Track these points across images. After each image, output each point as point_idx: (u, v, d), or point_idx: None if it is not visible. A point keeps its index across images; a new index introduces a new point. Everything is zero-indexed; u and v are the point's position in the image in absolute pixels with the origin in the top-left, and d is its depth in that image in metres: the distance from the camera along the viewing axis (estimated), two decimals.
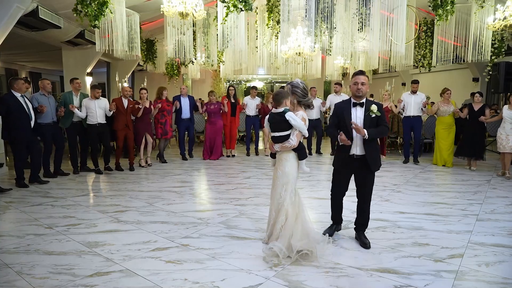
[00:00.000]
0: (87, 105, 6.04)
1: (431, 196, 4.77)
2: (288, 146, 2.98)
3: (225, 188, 5.22)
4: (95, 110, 6.04)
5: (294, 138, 2.96)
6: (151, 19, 9.58)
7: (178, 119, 7.59)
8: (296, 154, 3.05)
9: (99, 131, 6.14)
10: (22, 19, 6.22)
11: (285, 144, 2.98)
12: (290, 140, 2.97)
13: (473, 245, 3.12)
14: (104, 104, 6.18)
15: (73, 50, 9.63)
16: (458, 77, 12.14)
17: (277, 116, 3.01)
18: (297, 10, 8.14)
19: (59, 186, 5.34)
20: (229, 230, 3.50)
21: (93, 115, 6.05)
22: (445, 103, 6.89)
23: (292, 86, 3.06)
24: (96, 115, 6.06)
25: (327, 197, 4.72)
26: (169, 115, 7.20)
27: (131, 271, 2.65)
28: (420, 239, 3.25)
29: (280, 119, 2.97)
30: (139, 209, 4.15)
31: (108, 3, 6.00)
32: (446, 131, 6.90)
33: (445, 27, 8.05)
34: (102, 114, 6.17)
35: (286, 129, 2.98)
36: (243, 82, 17.98)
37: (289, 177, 3.01)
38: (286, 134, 2.99)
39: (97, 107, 6.06)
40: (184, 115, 7.55)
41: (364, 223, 3.21)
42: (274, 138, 3.04)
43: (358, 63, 12.34)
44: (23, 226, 3.61)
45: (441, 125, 6.98)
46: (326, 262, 2.80)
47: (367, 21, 7.41)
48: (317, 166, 7.09)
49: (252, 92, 8.56)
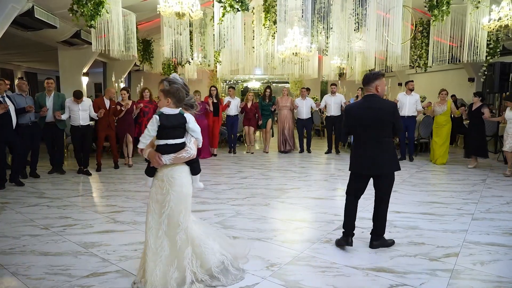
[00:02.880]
0: (70, 106, 5.96)
1: (427, 195, 4.80)
2: (185, 157, 2.35)
3: (222, 188, 5.22)
4: (78, 112, 5.97)
5: (192, 146, 2.38)
6: (147, 19, 9.55)
7: None
8: (188, 168, 2.44)
9: (82, 133, 6.08)
10: (17, 18, 6.17)
11: (181, 154, 2.34)
12: (188, 149, 2.35)
13: (468, 244, 3.15)
14: (87, 106, 6.10)
15: (69, 50, 9.59)
16: (454, 77, 12.21)
17: (172, 119, 2.33)
18: (294, 10, 8.15)
19: (55, 186, 5.32)
20: (225, 230, 3.50)
21: (76, 116, 5.98)
22: (440, 103, 7.09)
23: (169, 82, 2.33)
24: (79, 117, 5.99)
25: (324, 197, 4.79)
26: (144, 117, 7.11)
27: (127, 271, 2.65)
28: (415, 238, 3.27)
29: (177, 122, 2.34)
30: (135, 210, 4.14)
31: (104, 3, 5.98)
32: (439, 129, 7.14)
33: (441, 28, 8.08)
34: (85, 115, 6.09)
35: (181, 136, 2.37)
36: (240, 82, 17.99)
37: (187, 199, 2.39)
38: (181, 142, 2.37)
39: (80, 109, 5.99)
40: None
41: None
42: (164, 147, 2.33)
43: (355, 64, 12.40)
44: (19, 227, 3.59)
45: (435, 124, 7.26)
46: (323, 261, 2.81)
47: (364, 22, 7.44)
48: (315, 166, 7.10)
49: (230, 92, 8.64)
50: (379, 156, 2.92)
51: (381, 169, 2.94)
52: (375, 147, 2.92)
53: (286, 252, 3.00)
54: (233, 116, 8.49)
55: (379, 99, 2.98)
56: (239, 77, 17.15)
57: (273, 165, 7.13)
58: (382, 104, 2.96)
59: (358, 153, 3.01)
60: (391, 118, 2.92)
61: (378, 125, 2.92)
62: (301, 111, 8.55)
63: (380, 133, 2.93)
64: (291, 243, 3.21)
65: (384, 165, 2.94)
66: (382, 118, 2.91)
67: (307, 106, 8.58)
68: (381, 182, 2.99)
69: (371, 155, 2.92)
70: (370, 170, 2.96)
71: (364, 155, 2.95)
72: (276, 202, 4.50)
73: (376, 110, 2.91)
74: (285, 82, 17.59)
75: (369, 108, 2.93)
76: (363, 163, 2.96)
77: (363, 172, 3.00)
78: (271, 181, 5.71)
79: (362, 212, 4.02)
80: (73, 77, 9.97)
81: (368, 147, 2.94)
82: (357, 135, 3.04)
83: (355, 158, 3.04)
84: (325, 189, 5.27)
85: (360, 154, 2.98)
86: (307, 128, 8.76)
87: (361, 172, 3.01)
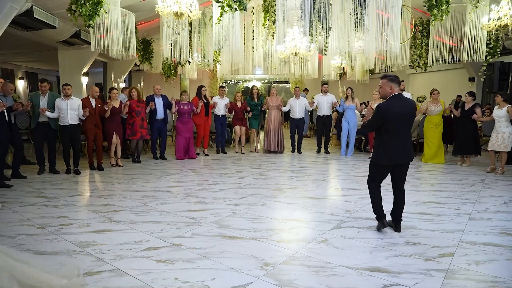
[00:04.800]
0: (59, 105, 5.91)
1: (424, 195, 4.79)
2: None
3: (219, 188, 5.21)
4: (66, 110, 5.92)
5: None
6: (147, 19, 9.58)
7: (152, 119, 7.50)
8: None
9: (70, 132, 6.05)
10: (16, 18, 6.19)
11: None
12: None
13: (464, 244, 3.14)
14: (76, 105, 6.05)
15: (69, 50, 9.62)
16: (454, 77, 12.18)
17: None
18: (293, 10, 8.15)
19: (53, 186, 5.33)
20: (221, 229, 3.50)
21: (64, 116, 5.92)
22: (434, 103, 7.20)
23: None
24: (67, 116, 5.93)
25: (321, 197, 4.79)
26: (137, 116, 7.10)
27: (121, 270, 2.65)
28: (411, 238, 3.26)
29: None
30: (132, 209, 4.14)
31: (102, 3, 5.99)
32: (433, 129, 7.20)
33: (440, 27, 8.07)
34: (74, 115, 6.03)
35: None
36: (240, 82, 17.99)
37: None
38: None
39: (69, 108, 5.93)
40: (158, 115, 7.45)
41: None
42: None
43: (355, 63, 12.39)
44: (15, 226, 3.60)
45: (429, 124, 7.29)
46: (317, 261, 2.81)
47: (363, 21, 7.43)
48: (313, 166, 7.10)
49: (220, 91, 8.63)
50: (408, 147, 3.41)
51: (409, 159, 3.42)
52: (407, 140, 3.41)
53: (281, 251, 2.99)
54: (222, 116, 8.46)
55: (405, 98, 3.44)
56: (239, 77, 17.15)
57: (271, 165, 7.13)
58: (409, 102, 3.45)
59: (391, 145, 3.35)
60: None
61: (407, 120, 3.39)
62: (294, 110, 8.55)
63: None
64: (287, 242, 3.21)
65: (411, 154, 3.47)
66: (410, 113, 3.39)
67: (300, 106, 8.57)
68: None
69: (405, 146, 3.38)
70: (403, 160, 3.39)
71: (399, 147, 3.35)
72: (273, 202, 4.50)
73: (405, 106, 3.34)
74: (286, 82, 17.59)
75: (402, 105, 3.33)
76: (397, 153, 3.36)
77: (398, 162, 3.38)
78: (269, 180, 5.70)
79: (359, 212, 4.03)
80: (73, 77, 9.98)
81: (402, 140, 3.37)
82: (392, 130, 3.34)
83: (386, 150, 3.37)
84: (322, 189, 5.26)
85: (394, 146, 3.35)
86: (299, 128, 8.72)
87: (395, 162, 3.38)
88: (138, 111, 7.09)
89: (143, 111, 7.20)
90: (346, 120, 8.17)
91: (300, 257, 2.88)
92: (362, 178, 5.87)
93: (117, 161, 6.86)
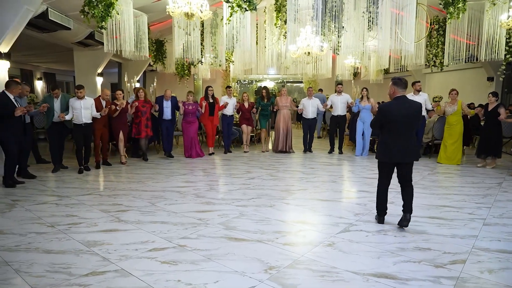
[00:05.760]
0: (73, 105, 6.06)
1: (437, 199, 4.65)
2: None
3: (228, 188, 5.20)
4: (80, 110, 6.06)
5: None
6: (160, 20, 9.66)
7: (159, 120, 7.71)
8: None
9: (84, 131, 6.19)
10: (32, 20, 6.34)
11: None
12: None
13: (477, 251, 3.02)
14: (89, 104, 6.19)
15: (84, 51, 9.79)
16: (472, 77, 11.86)
17: None
18: (306, 9, 8.07)
19: (65, 184, 5.42)
20: (227, 231, 3.48)
21: (78, 115, 6.06)
22: (451, 103, 7.03)
23: None
24: (81, 115, 6.08)
25: (331, 199, 4.72)
26: (143, 116, 7.21)
27: (126, 271, 2.65)
28: (422, 244, 3.17)
29: None
30: (140, 209, 4.17)
31: (114, 4, 6.05)
32: (450, 129, 7.04)
33: (457, 25, 7.87)
34: (88, 114, 6.18)
35: None
36: (254, 82, 17.97)
37: None
38: None
39: (82, 107, 6.07)
40: (165, 117, 7.64)
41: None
42: None
43: (369, 63, 12.20)
44: (26, 224, 3.67)
45: (446, 124, 7.18)
46: (323, 265, 2.75)
47: (376, 20, 7.30)
48: (324, 167, 7.01)
49: (228, 91, 8.65)
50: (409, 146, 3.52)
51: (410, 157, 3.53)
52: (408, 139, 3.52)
53: (286, 255, 2.95)
54: (229, 116, 8.49)
55: (408, 100, 3.59)
56: (252, 77, 17.13)
57: (282, 165, 7.08)
58: (412, 103, 3.56)
59: (392, 144, 3.52)
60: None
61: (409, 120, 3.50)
62: (307, 111, 8.49)
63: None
64: (293, 245, 3.16)
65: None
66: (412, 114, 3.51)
67: (313, 105, 8.51)
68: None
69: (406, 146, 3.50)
70: (403, 158, 3.51)
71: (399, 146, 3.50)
72: (281, 204, 4.46)
73: (407, 108, 3.49)
74: (299, 81, 17.48)
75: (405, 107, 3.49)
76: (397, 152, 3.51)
77: (397, 161, 3.54)
78: (278, 182, 5.66)
79: (368, 215, 3.94)
80: (88, 77, 10.18)
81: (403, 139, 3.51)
82: (393, 129, 3.51)
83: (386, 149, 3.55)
84: (332, 190, 5.19)
85: (395, 144, 3.51)
86: (311, 128, 8.66)
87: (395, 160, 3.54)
88: (144, 111, 7.21)
89: (148, 111, 7.33)
90: (362, 120, 8.05)
91: (305, 261, 2.84)
92: (374, 180, 5.73)
93: (122, 158, 7.04)
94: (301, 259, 2.87)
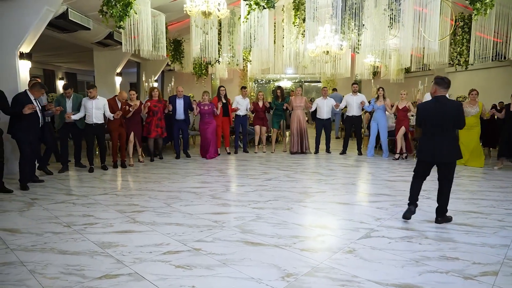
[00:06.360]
0: (85, 104, 6.07)
1: (464, 204, 4.43)
2: None
3: (244, 190, 5.11)
4: (92, 110, 6.07)
5: None
6: (178, 19, 9.67)
7: (172, 120, 7.56)
8: None
9: (95, 131, 6.20)
10: (53, 21, 6.42)
11: None
12: None
13: (510, 262, 2.82)
14: (101, 104, 6.19)
15: (103, 51, 9.90)
16: (498, 76, 11.37)
17: None
18: (324, 7, 7.91)
19: (83, 183, 5.46)
20: (243, 234, 3.38)
21: (89, 114, 6.08)
22: (471, 104, 6.75)
23: None
24: (92, 115, 6.09)
25: (350, 202, 4.56)
26: (155, 116, 7.17)
27: (139, 274, 2.60)
28: (449, 252, 2.99)
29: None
30: (156, 210, 4.13)
31: (132, 4, 6.06)
32: (468, 131, 6.66)
33: (483, 22, 7.56)
34: (99, 114, 6.17)
35: None
36: (271, 81, 17.84)
37: None
38: None
39: (94, 107, 6.08)
40: (178, 117, 7.50)
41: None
42: None
43: (389, 62, 11.89)
44: (43, 223, 3.67)
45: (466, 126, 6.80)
46: (343, 274, 2.62)
47: (398, 17, 7.08)
48: (343, 168, 6.83)
49: (242, 91, 8.53)
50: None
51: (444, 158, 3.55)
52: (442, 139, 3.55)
53: (304, 261, 2.83)
54: (242, 116, 8.41)
55: (446, 100, 3.60)
56: (270, 76, 16.99)
57: (299, 166, 6.94)
58: (450, 103, 3.58)
59: (425, 142, 3.64)
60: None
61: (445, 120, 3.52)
62: (321, 111, 8.32)
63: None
64: (311, 251, 3.04)
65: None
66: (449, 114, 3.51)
67: (327, 106, 8.32)
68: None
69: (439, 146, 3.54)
70: (434, 158, 3.57)
71: (432, 145, 3.56)
72: (299, 207, 4.33)
73: (444, 107, 3.52)
74: (317, 81, 17.25)
75: (442, 106, 3.53)
76: (429, 151, 3.60)
77: (429, 160, 3.62)
78: (296, 183, 5.53)
79: (390, 220, 3.78)
80: (107, 77, 10.30)
81: (436, 139, 3.56)
82: (428, 128, 3.59)
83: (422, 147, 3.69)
84: (352, 193, 5.02)
85: (428, 143, 3.61)
86: (327, 129, 8.47)
87: (426, 159, 3.63)
88: (155, 111, 7.18)
89: (160, 111, 7.27)
90: (376, 121, 7.82)
91: (324, 268, 2.71)
92: (395, 183, 5.57)
93: (138, 157, 7.04)
94: (320, 266, 2.75)
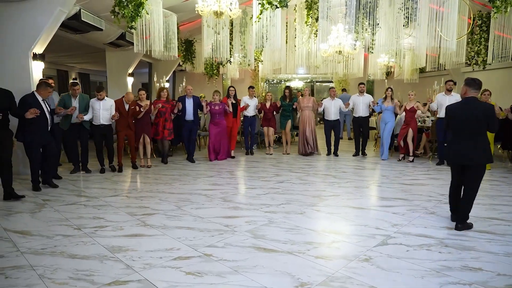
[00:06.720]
0: (93, 105, 6.05)
1: (484, 210, 4.26)
2: None
3: (256, 192, 5.02)
4: (99, 111, 6.05)
5: None
6: (189, 19, 9.64)
7: (182, 121, 7.39)
8: None
9: (102, 132, 6.16)
10: (65, 22, 6.44)
11: None
12: None
13: None
14: (109, 105, 6.15)
15: (115, 51, 9.94)
16: None
17: None
18: (338, 6, 7.77)
19: (94, 185, 5.45)
20: (255, 240, 3.30)
21: (97, 115, 6.06)
22: None
23: None
24: (99, 116, 6.06)
25: (366, 207, 4.43)
26: (162, 117, 7.07)
27: (149, 281, 2.53)
28: (471, 262, 2.85)
29: None
30: (166, 213, 4.07)
31: (144, 4, 6.03)
32: None
33: (503, 21, 7.32)
34: (107, 115, 6.13)
35: None
36: (283, 81, 17.71)
37: None
38: None
39: (101, 108, 6.05)
40: (187, 117, 7.30)
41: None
42: None
43: (403, 61, 11.65)
44: (54, 226, 3.65)
45: None
46: (360, 284, 2.51)
47: (414, 16, 6.90)
48: (357, 171, 6.69)
49: (250, 92, 8.39)
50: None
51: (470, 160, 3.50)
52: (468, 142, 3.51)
53: (319, 269, 2.73)
54: (251, 117, 8.29)
55: (476, 102, 3.54)
56: (281, 76, 16.86)
57: (312, 168, 6.82)
58: (478, 105, 3.52)
59: (452, 144, 3.66)
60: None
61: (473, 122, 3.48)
62: (329, 112, 8.17)
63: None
64: (326, 259, 2.93)
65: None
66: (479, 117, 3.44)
67: (335, 106, 8.15)
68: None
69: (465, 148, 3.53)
70: (459, 160, 3.58)
71: (458, 147, 3.58)
72: (312, 211, 4.22)
73: (473, 109, 3.47)
74: (329, 81, 17.05)
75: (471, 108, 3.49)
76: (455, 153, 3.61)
77: (455, 161, 3.65)
78: (308, 186, 5.42)
79: (407, 227, 3.64)
80: (119, 77, 10.34)
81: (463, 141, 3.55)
82: (455, 129, 3.62)
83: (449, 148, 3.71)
84: (366, 197, 4.89)
85: (454, 145, 3.62)
86: (335, 130, 8.31)
87: (453, 160, 3.67)
88: (163, 112, 7.06)
89: (168, 112, 7.13)
90: (383, 121, 7.65)
91: (340, 278, 2.60)
92: (411, 186, 5.41)
93: (147, 161, 6.86)
94: (336, 275, 2.64)
